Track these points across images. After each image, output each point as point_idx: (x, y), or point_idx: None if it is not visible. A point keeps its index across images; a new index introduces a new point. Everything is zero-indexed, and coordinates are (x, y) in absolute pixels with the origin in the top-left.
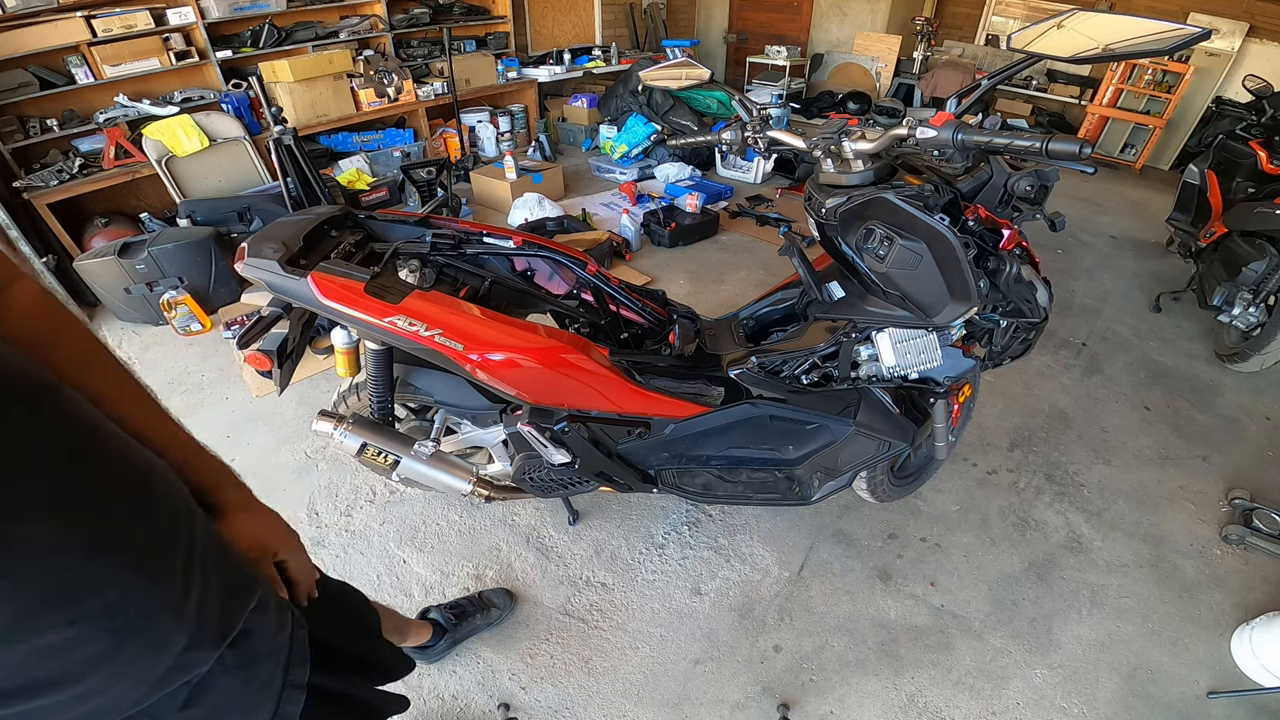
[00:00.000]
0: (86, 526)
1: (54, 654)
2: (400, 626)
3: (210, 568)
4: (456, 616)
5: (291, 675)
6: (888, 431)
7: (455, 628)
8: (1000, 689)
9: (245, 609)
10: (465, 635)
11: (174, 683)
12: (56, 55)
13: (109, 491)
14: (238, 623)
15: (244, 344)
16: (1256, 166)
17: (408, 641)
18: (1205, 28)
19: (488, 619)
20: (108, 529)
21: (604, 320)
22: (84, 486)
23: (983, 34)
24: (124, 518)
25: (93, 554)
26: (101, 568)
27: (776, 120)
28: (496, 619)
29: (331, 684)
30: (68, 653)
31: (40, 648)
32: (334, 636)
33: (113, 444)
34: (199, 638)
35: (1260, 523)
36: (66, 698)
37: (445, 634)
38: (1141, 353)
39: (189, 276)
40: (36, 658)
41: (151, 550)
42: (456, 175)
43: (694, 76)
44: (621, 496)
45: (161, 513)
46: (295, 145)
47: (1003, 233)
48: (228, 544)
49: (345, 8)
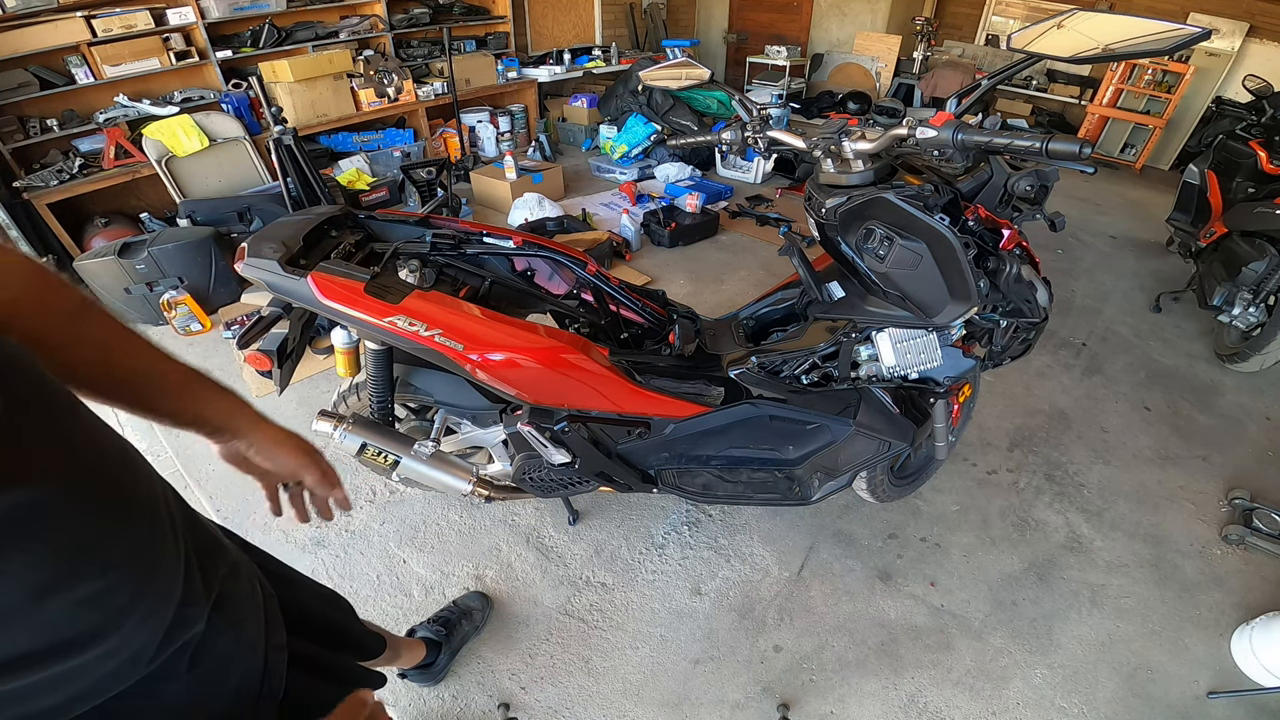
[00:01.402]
0: (93, 489)
1: (92, 605)
2: (395, 646)
3: (185, 531)
4: (445, 628)
5: (272, 637)
6: (888, 431)
7: (448, 639)
8: (1000, 689)
9: (219, 573)
10: (459, 645)
11: (178, 639)
12: (56, 55)
13: (102, 458)
14: (216, 584)
15: (244, 344)
16: (1256, 166)
17: (403, 662)
18: (1205, 28)
19: (473, 624)
20: (109, 491)
21: (604, 320)
22: (83, 456)
23: (983, 34)
24: (119, 481)
25: (104, 511)
26: (113, 524)
27: (776, 120)
28: (480, 622)
29: (306, 649)
30: (103, 602)
31: (82, 598)
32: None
33: (92, 419)
34: (190, 592)
35: (1260, 523)
36: (102, 652)
37: (441, 648)
38: (1141, 353)
39: (189, 276)
40: (81, 609)
41: (145, 508)
42: (456, 175)
43: (694, 76)
44: (621, 496)
45: (143, 478)
46: (295, 145)
47: (1003, 233)
48: (195, 515)
49: (345, 8)
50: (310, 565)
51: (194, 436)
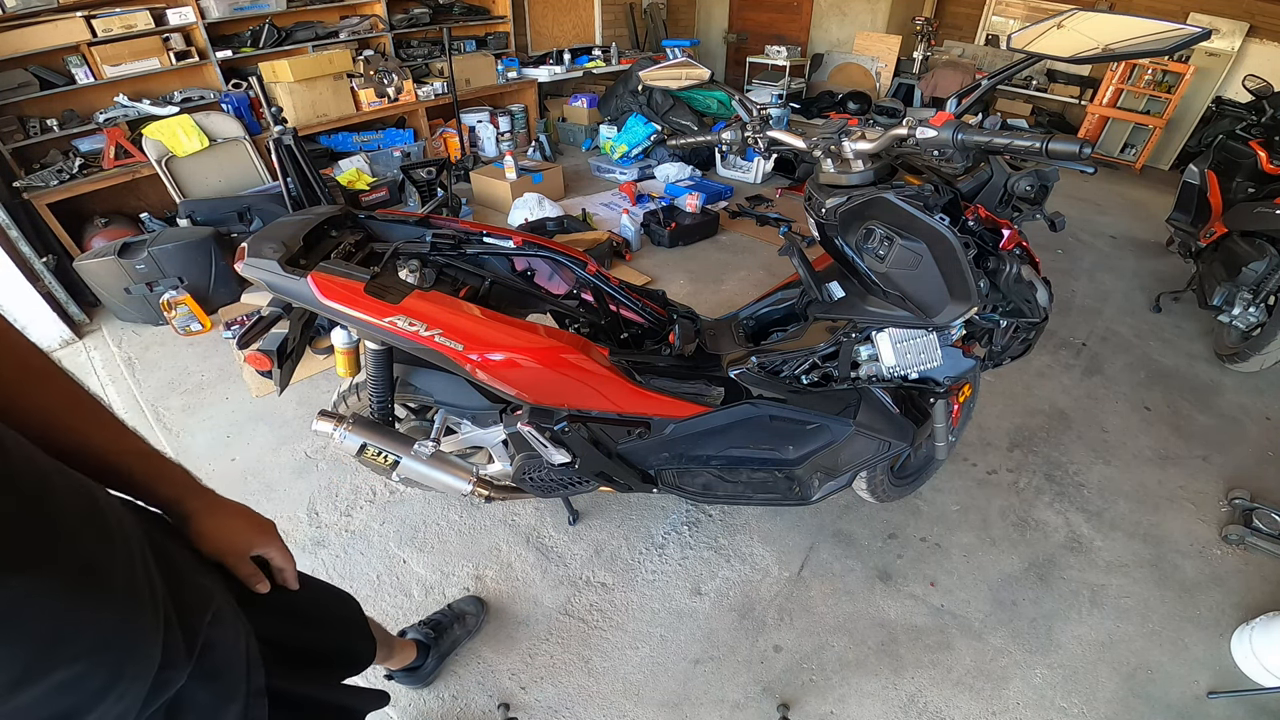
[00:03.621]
0: (58, 573)
1: (69, 689)
2: (387, 642)
3: (164, 585)
4: (435, 631)
5: (252, 681)
6: (888, 431)
7: (437, 643)
8: (1000, 689)
9: (203, 622)
10: (449, 649)
11: (156, 702)
12: (56, 55)
13: (69, 531)
14: (200, 636)
15: (244, 344)
16: (1256, 166)
17: (393, 663)
18: (1205, 28)
19: (465, 628)
20: (78, 569)
21: (604, 320)
22: (47, 534)
23: (983, 34)
24: (88, 553)
25: (72, 596)
26: (82, 607)
27: (776, 120)
28: (474, 626)
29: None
30: (79, 686)
31: (57, 684)
32: (295, 636)
33: (58, 480)
34: (171, 656)
35: (1260, 523)
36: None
37: (430, 651)
38: (1141, 353)
39: (189, 276)
40: (57, 693)
41: (118, 578)
42: (456, 175)
43: (694, 76)
44: (621, 496)
45: (115, 538)
46: (295, 145)
47: (1003, 233)
48: (175, 559)
49: (345, 8)
50: (310, 566)
51: (190, 439)
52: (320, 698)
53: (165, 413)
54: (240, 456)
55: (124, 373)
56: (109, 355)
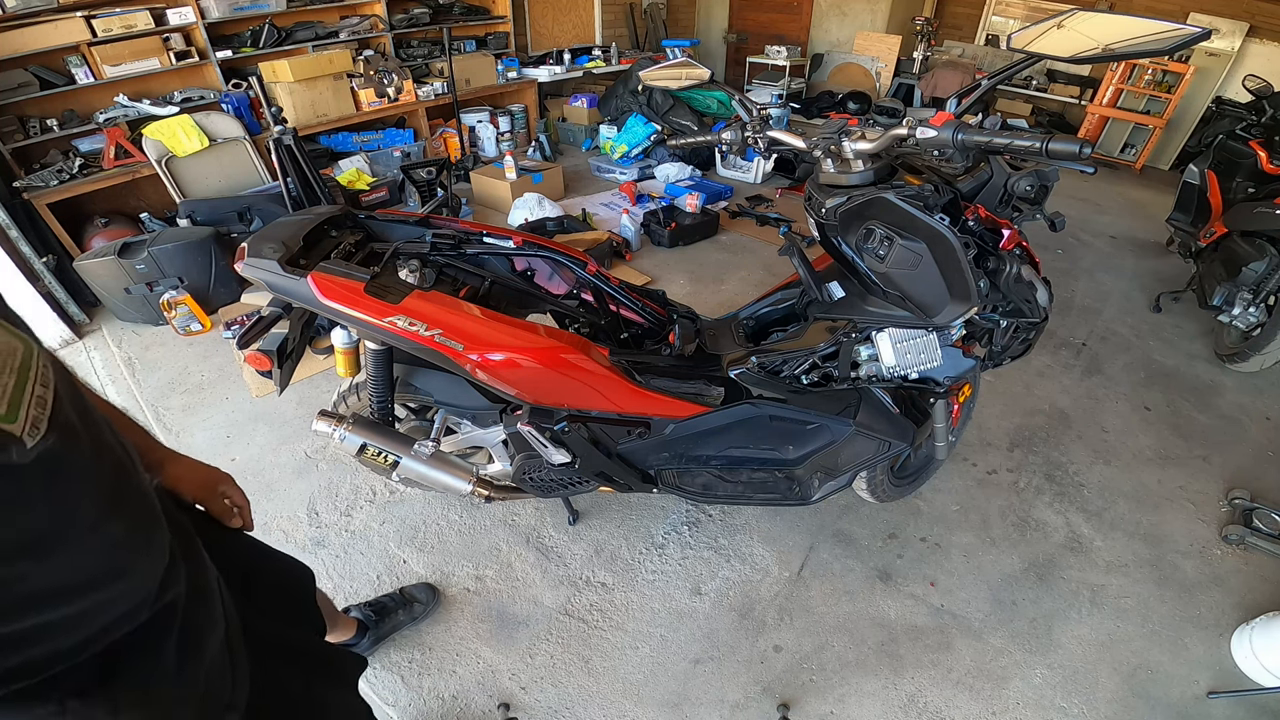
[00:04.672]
0: (111, 454)
1: (119, 545)
2: (332, 616)
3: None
4: (377, 614)
5: (229, 618)
6: (888, 431)
7: (376, 625)
8: (1000, 689)
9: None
10: (387, 632)
11: (169, 592)
12: (56, 55)
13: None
14: (191, 552)
15: (244, 344)
16: (1256, 166)
17: (331, 636)
18: (1205, 28)
19: (411, 614)
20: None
21: (604, 320)
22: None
23: (983, 34)
24: (123, 461)
25: (120, 472)
26: (126, 482)
27: (776, 120)
28: (421, 614)
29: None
30: (127, 542)
31: (116, 538)
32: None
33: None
34: (174, 553)
35: (1260, 523)
36: (118, 591)
37: (367, 631)
38: (1141, 353)
39: (189, 276)
40: (111, 548)
41: (142, 483)
42: (456, 175)
43: (694, 76)
44: (621, 496)
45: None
46: (295, 145)
47: (1003, 233)
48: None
49: (345, 8)
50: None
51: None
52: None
53: (165, 413)
54: (240, 456)
55: (124, 373)
56: (109, 355)
